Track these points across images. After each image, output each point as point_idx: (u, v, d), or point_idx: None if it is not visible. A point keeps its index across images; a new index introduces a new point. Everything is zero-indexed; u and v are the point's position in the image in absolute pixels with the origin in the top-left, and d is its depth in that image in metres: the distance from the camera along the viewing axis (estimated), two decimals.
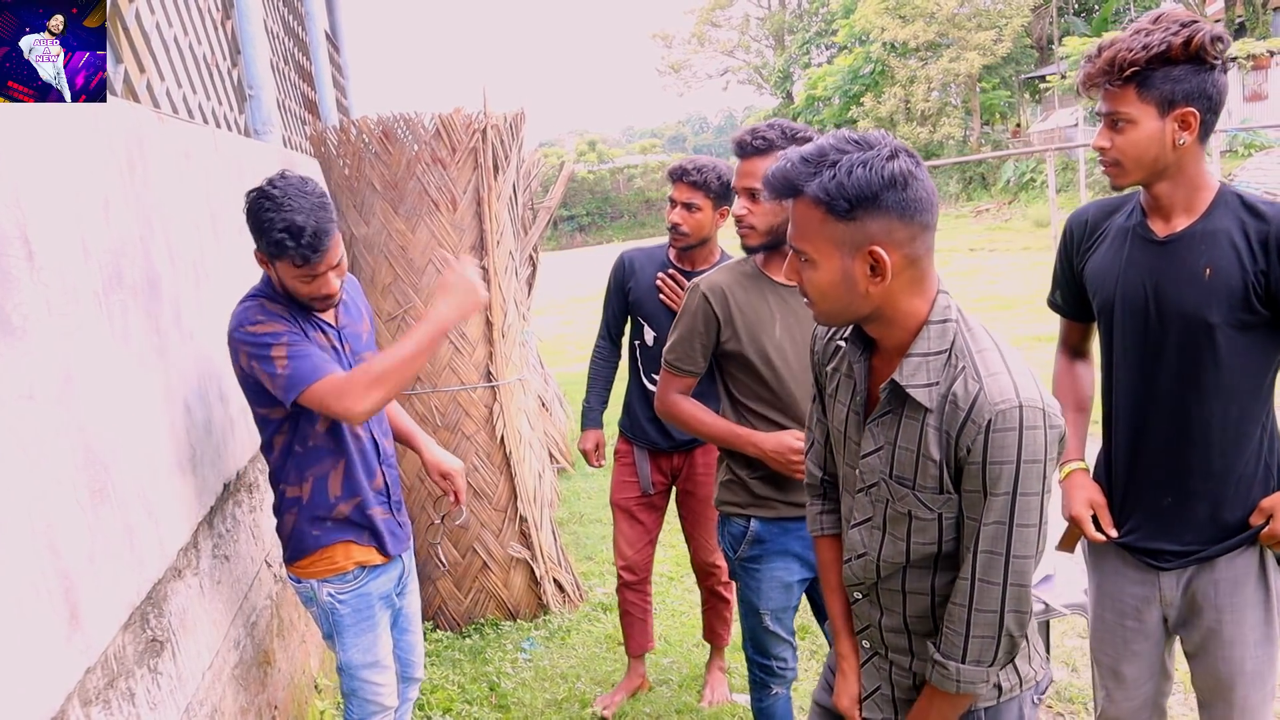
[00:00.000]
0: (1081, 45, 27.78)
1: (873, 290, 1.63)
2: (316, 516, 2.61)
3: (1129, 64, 2.03)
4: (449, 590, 4.40)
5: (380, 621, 2.74)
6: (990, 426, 1.57)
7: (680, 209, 3.35)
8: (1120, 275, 2.23)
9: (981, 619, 1.67)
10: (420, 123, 4.09)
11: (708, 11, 48.35)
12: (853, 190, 1.56)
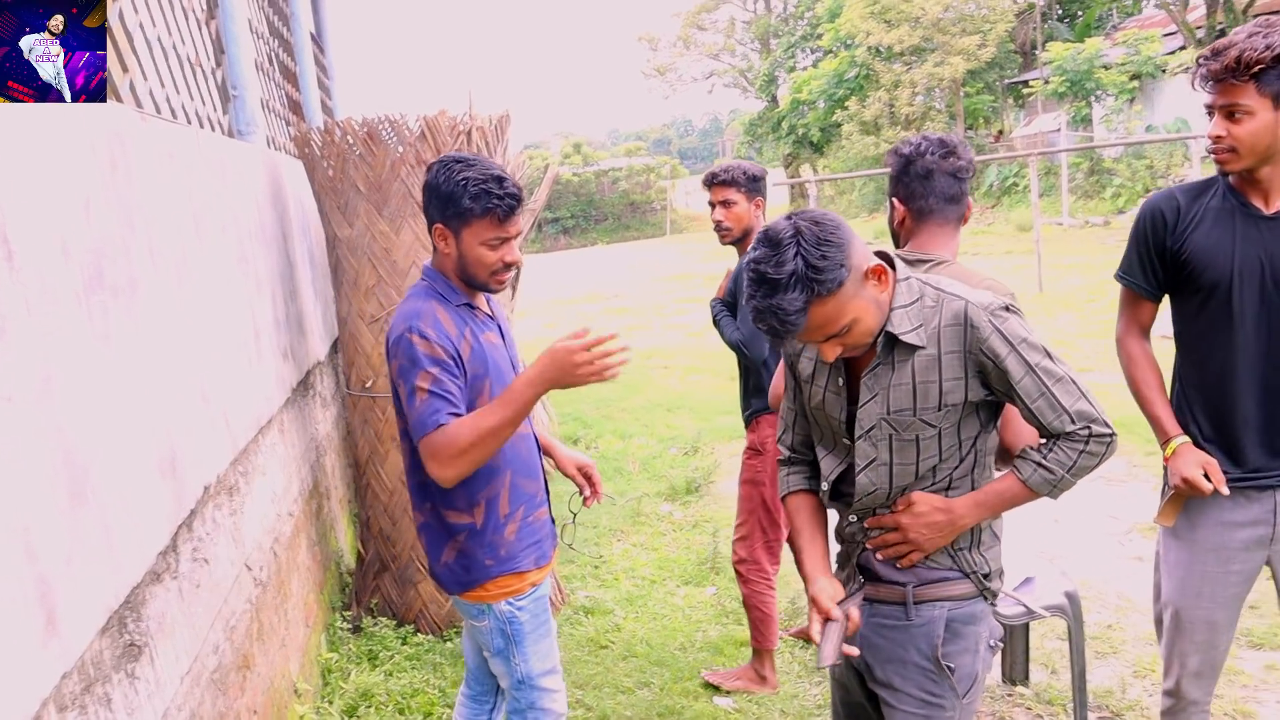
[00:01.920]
0: (1065, 51, 27.95)
1: (883, 292, 2.00)
2: (489, 543, 2.56)
3: (1255, 62, 2.31)
4: (430, 593, 4.38)
5: (551, 623, 2.73)
6: (994, 323, 1.98)
7: (719, 208, 3.84)
8: (1236, 250, 2.50)
9: (1097, 429, 2.01)
10: (405, 124, 4.08)
11: (694, 14, 48.37)
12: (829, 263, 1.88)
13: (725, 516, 5.95)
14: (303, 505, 3.97)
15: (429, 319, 2.43)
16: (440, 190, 2.44)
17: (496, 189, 2.40)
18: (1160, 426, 2.66)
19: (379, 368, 4.25)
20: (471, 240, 2.46)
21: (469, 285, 2.57)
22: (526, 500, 2.63)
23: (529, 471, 2.65)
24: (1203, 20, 35.15)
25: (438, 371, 2.37)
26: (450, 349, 2.42)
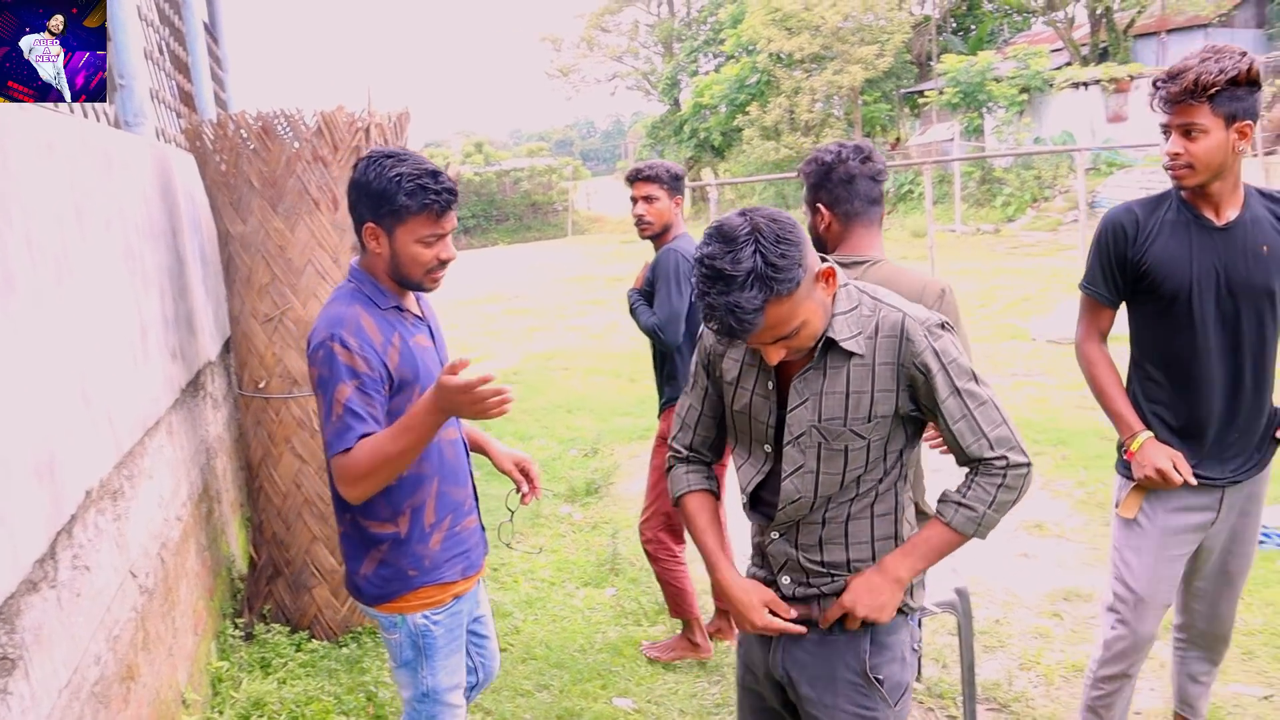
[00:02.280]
0: (958, 63, 28.74)
1: (829, 295, 2.00)
2: (413, 554, 2.48)
3: (1210, 85, 2.51)
4: (325, 599, 4.29)
5: (464, 640, 2.67)
6: (930, 338, 1.98)
7: (641, 203, 4.00)
8: (1192, 260, 2.69)
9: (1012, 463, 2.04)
10: (301, 119, 3.99)
11: (597, 16, 48.39)
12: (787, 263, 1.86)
13: (625, 518, 5.96)
14: (192, 509, 3.85)
15: (352, 326, 2.34)
16: (371, 187, 2.34)
17: (432, 184, 2.32)
18: (1124, 422, 2.85)
19: (272, 368, 4.15)
20: (406, 238, 2.37)
21: (402, 285, 2.48)
22: (454, 509, 2.56)
23: (456, 479, 2.58)
24: (1087, 38, 36.57)
25: (355, 387, 2.30)
26: (374, 359, 2.34)
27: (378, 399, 2.34)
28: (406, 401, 2.40)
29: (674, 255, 3.91)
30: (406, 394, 2.42)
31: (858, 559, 2.11)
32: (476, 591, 2.72)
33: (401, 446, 2.26)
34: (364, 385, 2.31)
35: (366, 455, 2.26)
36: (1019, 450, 2.02)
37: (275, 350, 4.13)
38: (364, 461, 2.26)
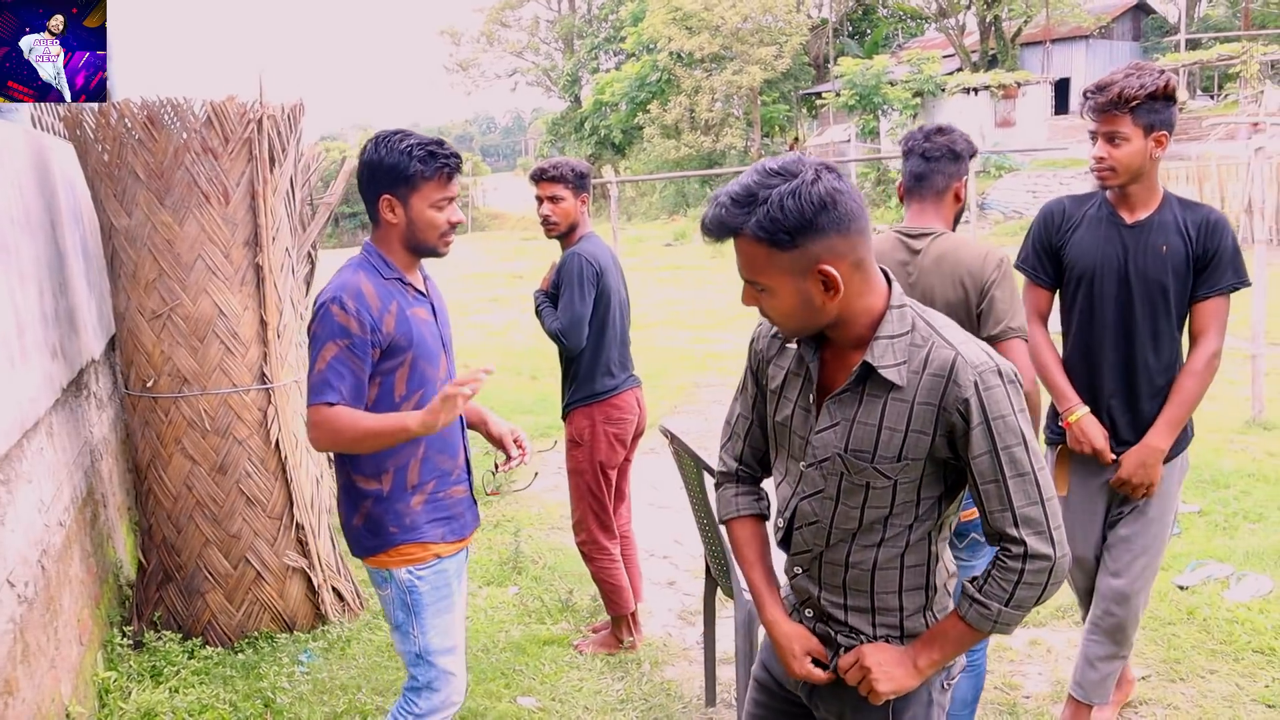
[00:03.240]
0: (855, 65, 29.36)
1: (830, 304, 1.77)
2: (394, 511, 2.62)
3: (1132, 98, 2.83)
4: (219, 603, 4.17)
5: (457, 602, 2.74)
6: (979, 387, 1.74)
7: (547, 204, 3.98)
8: (1100, 250, 3.03)
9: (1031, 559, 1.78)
10: (190, 109, 3.86)
11: (497, 11, 48.08)
12: (789, 221, 1.68)
13: (527, 516, 5.94)
14: (75, 514, 3.70)
15: (352, 290, 2.51)
16: (384, 163, 2.53)
17: (441, 150, 2.53)
18: (1064, 395, 3.12)
19: (160, 366, 4.01)
20: (421, 204, 2.56)
21: (417, 252, 2.65)
22: (439, 476, 2.69)
23: (446, 449, 2.71)
24: (977, 45, 37.68)
25: (344, 345, 2.47)
26: (368, 320, 2.50)
27: (363, 360, 2.51)
28: (397, 366, 2.58)
29: (579, 259, 3.90)
30: (398, 358, 2.58)
31: (883, 608, 1.93)
32: (463, 562, 2.80)
33: (375, 428, 2.47)
34: (353, 345, 2.49)
35: (345, 421, 2.47)
36: (1046, 539, 1.77)
37: (164, 348, 3.99)
38: (339, 425, 2.46)
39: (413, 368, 2.61)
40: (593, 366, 4.01)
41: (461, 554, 2.80)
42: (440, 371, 2.71)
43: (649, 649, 4.23)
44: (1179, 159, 20.88)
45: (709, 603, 3.76)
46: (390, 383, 2.59)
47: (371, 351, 2.52)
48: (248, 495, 4.13)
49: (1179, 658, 3.92)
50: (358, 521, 2.67)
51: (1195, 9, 38.69)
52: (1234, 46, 24.66)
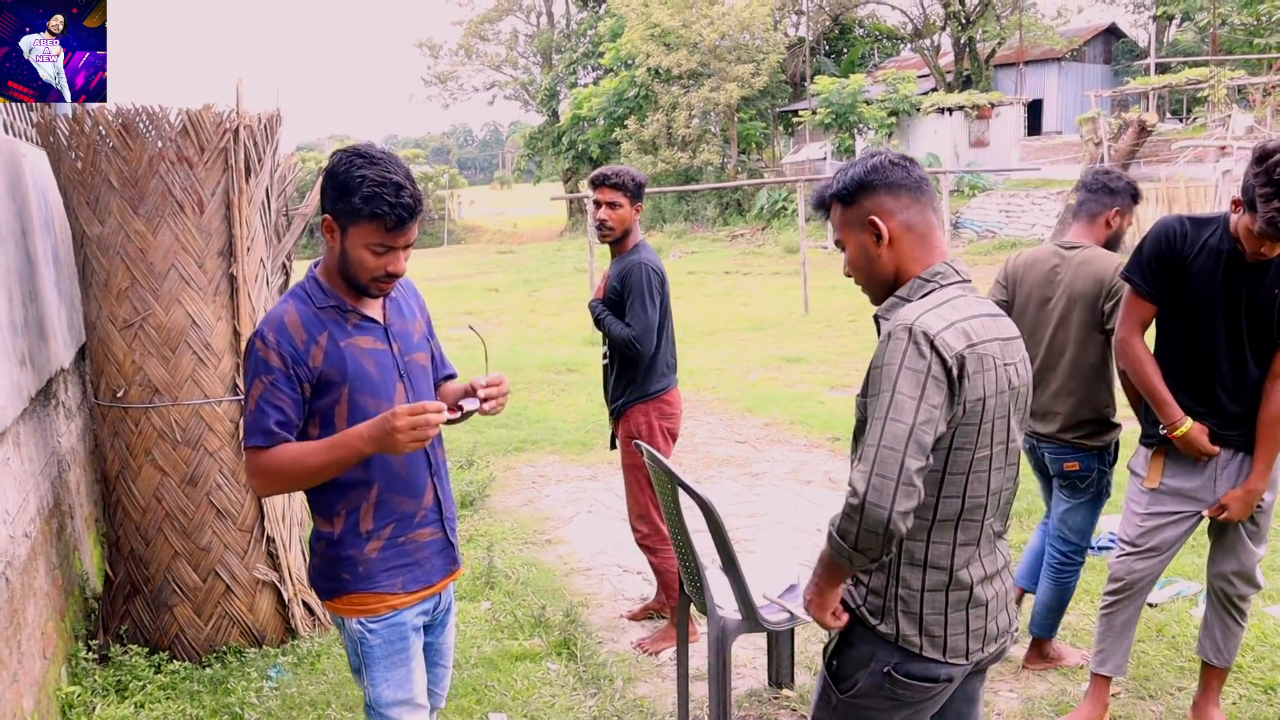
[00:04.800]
0: (831, 84, 29.56)
1: (882, 255, 2.10)
2: (346, 557, 2.44)
3: None
4: (187, 617, 4.12)
5: (415, 654, 2.56)
6: (888, 337, 1.97)
7: (605, 208, 4.18)
8: (1219, 284, 3.15)
9: (848, 495, 1.94)
10: (165, 118, 3.83)
11: (476, 24, 48.14)
12: (849, 182, 2.11)
13: (500, 530, 5.91)
14: (41, 525, 3.65)
15: (274, 323, 2.36)
16: (337, 179, 2.31)
17: (390, 195, 2.26)
18: (1168, 407, 3.28)
19: (131, 376, 3.96)
20: (356, 240, 2.32)
21: (349, 284, 2.42)
22: (399, 519, 2.47)
23: (407, 489, 2.48)
24: (952, 66, 38.07)
25: (268, 382, 2.32)
26: (289, 353, 2.33)
27: (289, 395, 2.34)
28: (333, 403, 2.38)
29: (645, 269, 4.14)
30: (333, 395, 2.38)
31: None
32: (429, 608, 2.60)
33: (322, 462, 2.30)
34: (276, 381, 2.32)
35: (286, 461, 2.31)
36: (864, 478, 1.88)
37: (135, 358, 3.95)
38: (278, 465, 2.31)
39: (351, 403, 2.38)
40: (651, 366, 4.26)
41: (428, 603, 2.58)
42: (397, 405, 2.40)
43: (621, 665, 4.21)
44: (1148, 180, 21.15)
45: (682, 619, 3.75)
46: (330, 418, 2.38)
47: (301, 386, 2.34)
48: (218, 508, 4.09)
49: (1148, 675, 3.95)
50: (314, 561, 2.52)
51: (1165, 34, 39.27)
52: (1202, 71, 25.04)
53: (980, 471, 2.03)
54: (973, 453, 2.00)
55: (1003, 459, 2.06)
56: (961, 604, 2.07)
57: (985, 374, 1.97)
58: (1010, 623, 2.20)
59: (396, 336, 2.50)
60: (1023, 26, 35.61)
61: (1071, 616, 4.43)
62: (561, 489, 6.88)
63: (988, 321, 2.02)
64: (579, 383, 10.54)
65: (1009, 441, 2.07)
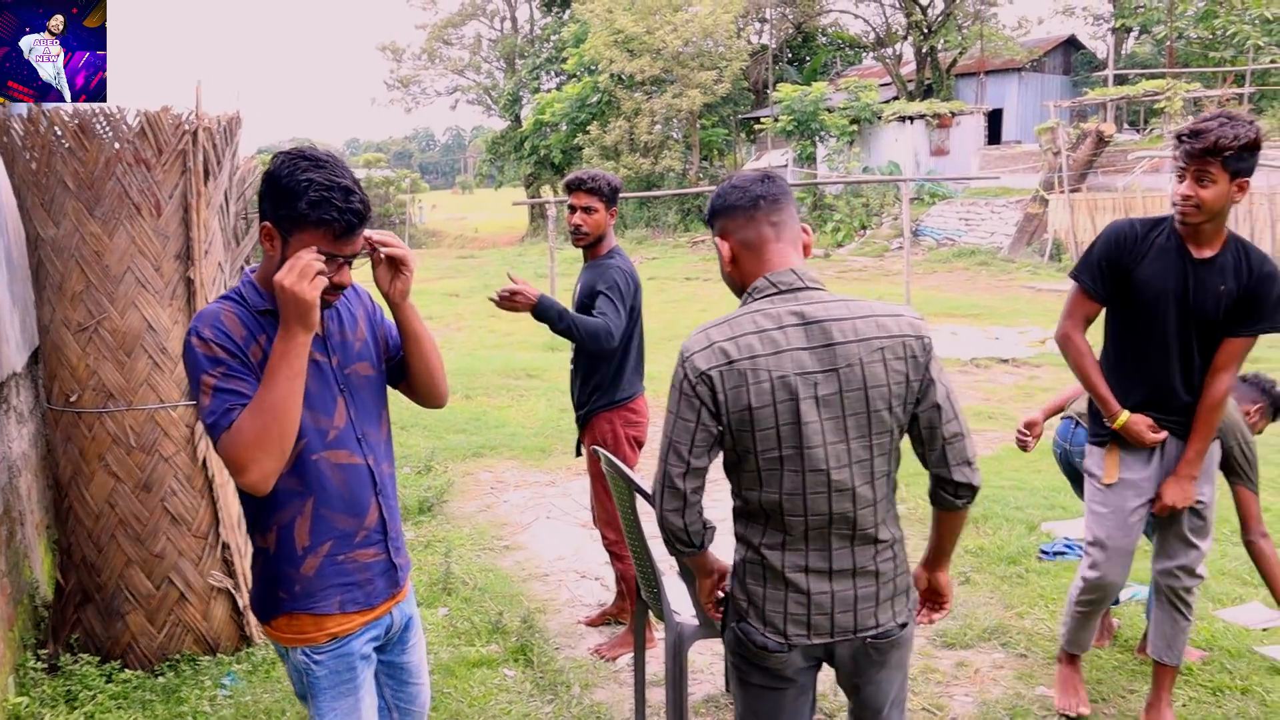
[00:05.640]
0: (793, 92, 29.71)
1: (732, 272, 2.34)
2: (283, 574, 2.30)
3: (1224, 148, 3.08)
4: (140, 625, 4.07)
5: (363, 683, 2.42)
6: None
7: (580, 213, 4.18)
8: (1168, 280, 3.28)
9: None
10: (123, 119, 3.79)
11: (439, 28, 47.91)
12: (708, 209, 2.37)
13: (458, 536, 5.89)
14: None
15: (209, 320, 2.21)
16: (279, 183, 2.14)
17: (339, 200, 2.12)
18: (1107, 400, 3.43)
19: (85, 380, 3.92)
20: (299, 250, 2.15)
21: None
22: (338, 536, 2.33)
23: (347, 506, 2.34)
24: (914, 75, 38.44)
25: (219, 373, 2.15)
26: (233, 348, 2.19)
27: (247, 380, 2.18)
28: None
29: (622, 273, 4.16)
30: None
31: None
32: (378, 634, 2.48)
33: (279, 390, 2.11)
34: (230, 369, 2.17)
35: (248, 418, 2.11)
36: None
37: (89, 362, 3.91)
38: (247, 427, 2.10)
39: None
40: (618, 373, 4.25)
41: (373, 628, 2.45)
42: (337, 419, 2.32)
43: (579, 671, 4.21)
44: (1106, 190, 21.48)
45: (639, 625, 3.76)
46: None
47: (249, 374, 2.19)
48: (172, 514, 4.04)
49: (1101, 678, 4.01)
50: (253, 584, 2.40)
51: (1123, 46, 39.88)
52: (1159, 83, 25.45)
53: (770, 472, 2.18)
54: (755, 457, 2.18)
55: (798, 463, 2.16)
56: (776, 584, 2.25)
57: (749, 387, 2.12)
58: (858, 628, 2.25)
59: (335, 349, 2.38)
60: (984, 37, 36.01)
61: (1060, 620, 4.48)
62: (520, 495, 6.87)
63: (758, 338, 2.14)
64: (538, 388, 10.53)
65: (804, 448, 2.15)
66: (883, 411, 2.17)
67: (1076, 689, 3.81)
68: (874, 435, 2.18)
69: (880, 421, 2.18)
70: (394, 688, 2.63)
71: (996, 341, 12.51)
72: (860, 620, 2.25)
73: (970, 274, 21.09)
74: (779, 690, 2.34)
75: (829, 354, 2.14)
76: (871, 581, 2.25)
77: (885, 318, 2.19)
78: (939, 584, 2.50)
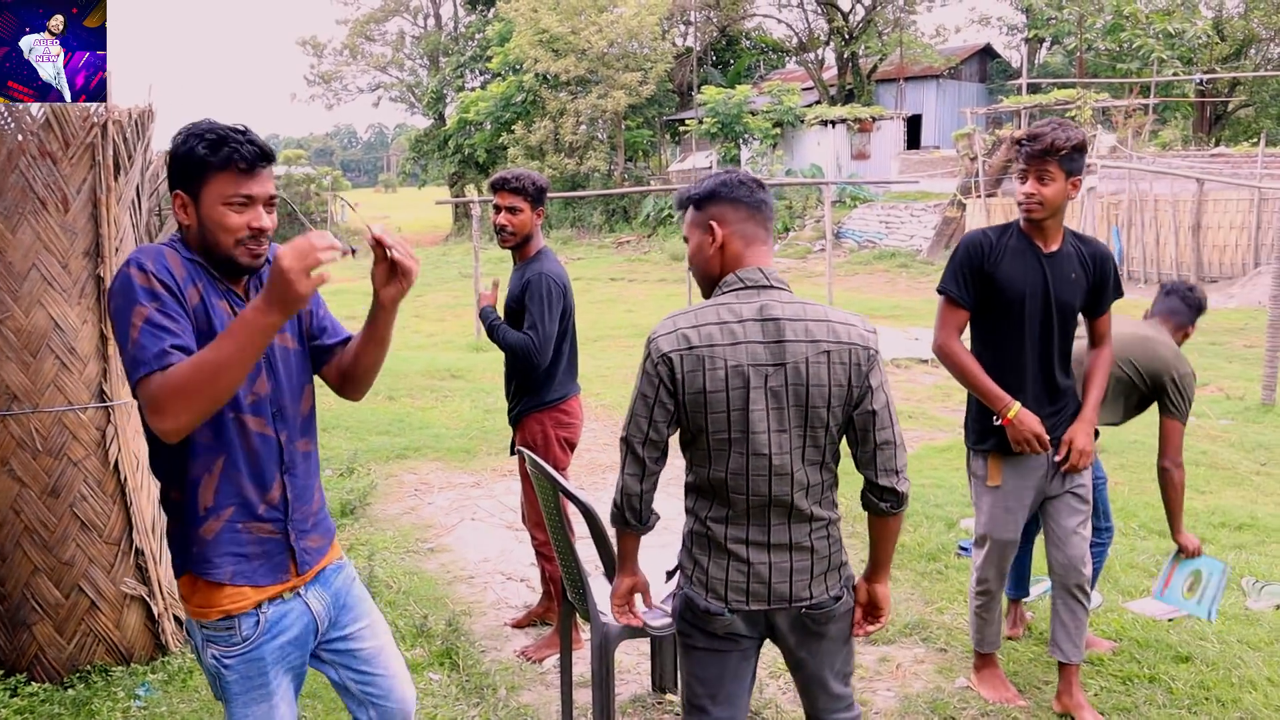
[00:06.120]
0: (717, 94, 29.90)
1: (714, 255, 2.48)
2: (186, 534, 2.26)
3: (1059, 148, 3.40)
4: (47, 635, 3.92)
5: (276, 690, 2.34)
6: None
7: (505, 213, 4.16)
8: (1027, 278, 3.51)
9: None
10: (27, 110, 3.65)
11: (361, 24, 47.25)
12: (704, 190, 2.50)
13: (383, 539, 5.81)
14: None
15: (151, 254, 2.16)
16: (177, 152, 2.16)
17: (235, 138, 2.13)
18: (998, 396, 3.54)
19: None
20: (212, 201, 2.15)
21: (215, 264, 2.23)
22: (240, 504, 2.27)
23: (252, 475, 2.28)
24: (835, 80, 38.98)
25: (154, 307, 2.08)
26: (172, 284, 2.13)
27: (181, 319, 2.12)
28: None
29: (547, 280, 4.10)
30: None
31: None
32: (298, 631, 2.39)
33: (227, 352, 2.00)
34: (165, 306, 2.10)
35: (187, 369, 2.01)
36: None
37: None
38: (184, 378, 2.01)
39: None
40: (549, 375, 4.22)
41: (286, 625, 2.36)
42: (256, 387, 2.28)
43: (505, 674, 4.18)
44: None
45: (565, 626, 3.74)
46: None
47: (185, 313, 2.14)
48: (82, 520, 3.91)
49: (1017, 670, 4.10)
50: (168, 532, 2.36)
51: (1036, 56, 40.90)
52: (1070, 92, 26.15)
53: (719, 452, 2.38)
54: (707, 436, 2.38)
55: (743, 446, 2.36)
56: (720, 555, 2.44)
57: (705, 372, 2.33)
58: (793, 597, 2.44)
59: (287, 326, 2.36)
60: (903, 44, 36.66)
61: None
62: (444, 497, 6.80)
63: (718, 329, 2.36)
64: (463, 389, 10.44)
65: (750, 432, 2.35)
66: (821, 409, 2.36)
67: (1004, 683, 3.91)
68: (810, 428, 2.37)
69: (818, 417, 2.36)
70: (358, 682, 2.55)
71: (916, 342, 12.73)
72: (795, 591, 2.44)
73: (890, 276, 21.47)
74: (722, 654, 2.50)
75: (780, 349, 2.33)
76: (806, 556, 2.44)
77: (838, 324, 2.38)
78: (877, 596, 2.58)
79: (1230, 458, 7.39)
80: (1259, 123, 31.09)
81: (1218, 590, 4.24)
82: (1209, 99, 31.81)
